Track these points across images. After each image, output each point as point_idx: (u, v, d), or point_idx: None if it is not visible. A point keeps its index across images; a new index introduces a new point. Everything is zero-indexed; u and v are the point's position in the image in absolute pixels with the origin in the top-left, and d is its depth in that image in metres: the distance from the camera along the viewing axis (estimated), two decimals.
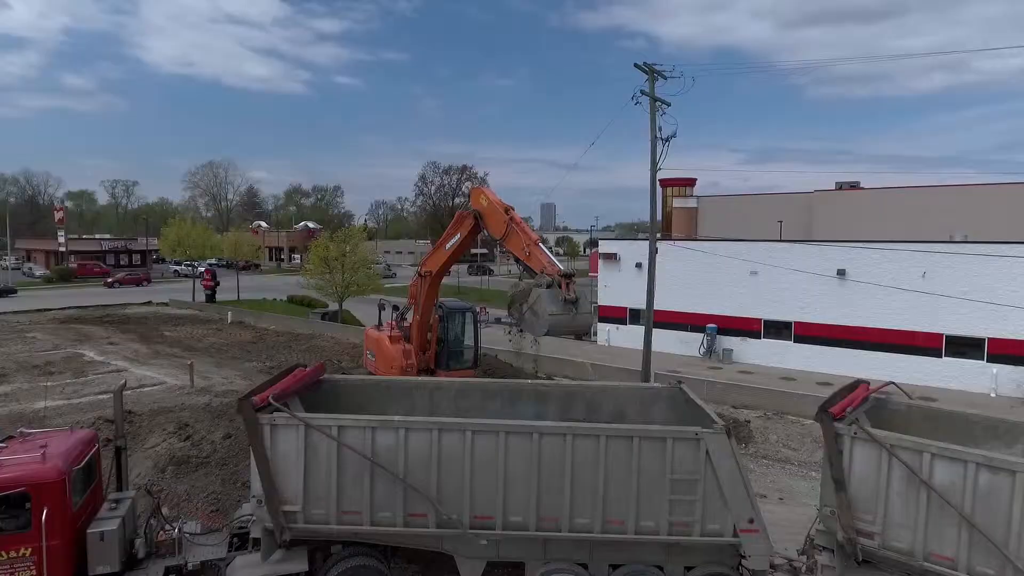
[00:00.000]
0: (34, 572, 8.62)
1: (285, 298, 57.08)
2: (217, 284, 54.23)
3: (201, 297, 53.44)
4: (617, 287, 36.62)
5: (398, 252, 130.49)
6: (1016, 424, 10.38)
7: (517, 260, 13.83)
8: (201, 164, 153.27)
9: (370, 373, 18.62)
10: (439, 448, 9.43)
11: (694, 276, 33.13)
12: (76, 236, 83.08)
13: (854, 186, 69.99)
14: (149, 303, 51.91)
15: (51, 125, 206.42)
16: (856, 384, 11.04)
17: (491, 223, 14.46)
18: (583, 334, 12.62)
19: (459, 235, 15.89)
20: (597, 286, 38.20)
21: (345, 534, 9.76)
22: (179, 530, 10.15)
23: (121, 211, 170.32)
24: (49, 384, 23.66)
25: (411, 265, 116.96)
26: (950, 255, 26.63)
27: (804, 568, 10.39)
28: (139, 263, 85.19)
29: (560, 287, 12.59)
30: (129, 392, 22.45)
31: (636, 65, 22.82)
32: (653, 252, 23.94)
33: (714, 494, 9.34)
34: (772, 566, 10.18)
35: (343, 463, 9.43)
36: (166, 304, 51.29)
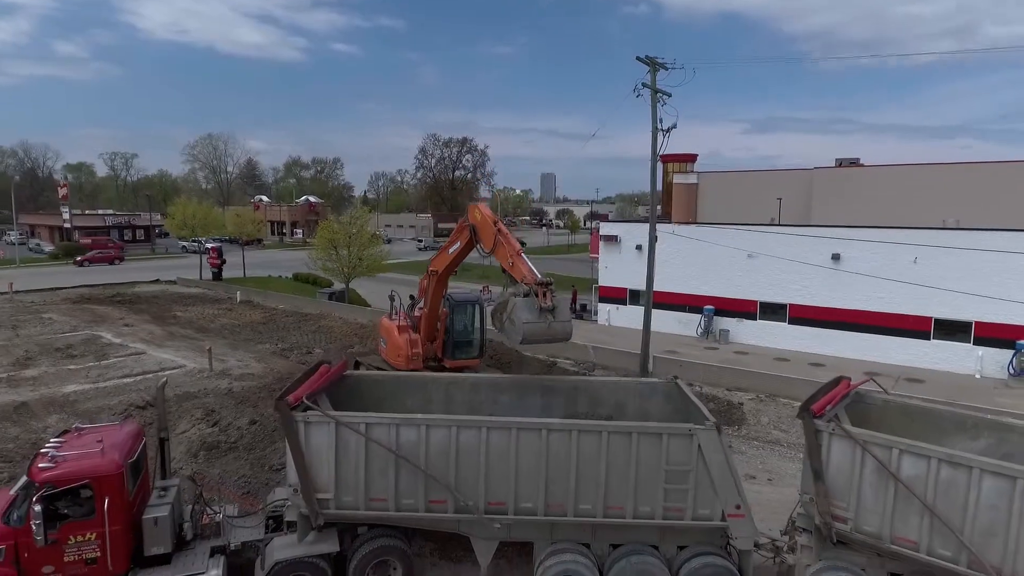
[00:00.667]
0: (98, 554, 9.69)
1: (291, 275, 57.96)
2: (223, 262, 55.06)
3: (208, 275, 54.34)
4: (617, 268, 37.50)
5: (399, 226, 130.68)
6: (982, 419, 11.37)
7: (503, 270, 14.25)
8: (200, 137, 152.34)
9: (384, 360, 19.58)
10: (457, 442, 10.42)
11: (692, 259, 33.99)
12: (80, 211, 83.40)
13: (854, 162, 70.31)
14: (157, 281, 52.84)
15: (45, 94, 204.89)
16: (837, 380, 11.97)
17: (483, 237, 15.21)
18: (562, 340, 12.23)
19: (459, 243, 16.73)
20: (598, 267, 39.07)
21: (372, 518, 10.83)
22: (221, 514, 11.24)
23: (121, 183, 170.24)
24: (72, 367, 24.74)
25: (411, 239, 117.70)
26: (940, 241, 27.51)
27: (786, 547, 11.51)
28: (143, 238, 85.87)
29: (537, 295, 12.46)
30: (150, 376, 23.58)
31: (639, 58, 23.37)
32: (653, 240, 24.78)
33: (705, 483, 10.37)
34: (756, 545, 11.27)
35: (370, 456, 10.43)
36: (174, 282, 52.22)
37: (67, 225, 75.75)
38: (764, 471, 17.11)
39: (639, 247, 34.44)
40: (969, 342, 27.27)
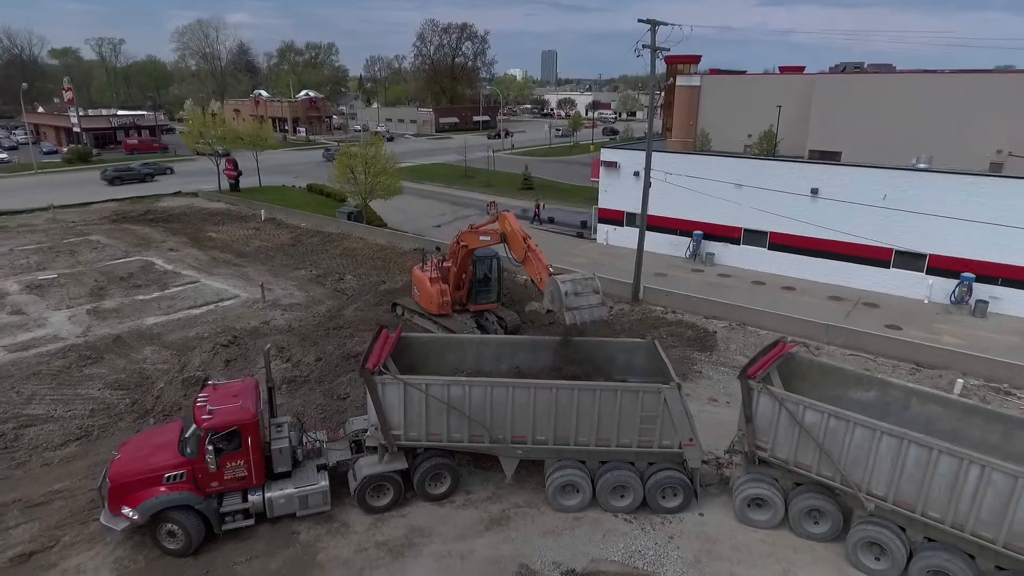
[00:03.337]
0: (245, 473, 14.02)
1: (304, 185, 60.50)
2: (240, 173, 57.47)
3: (226, 185, 56.98)
4: (616, 192, 40.40)
5: (400, 120, 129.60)
6: (873, 378, 15.41)
7: (532, 280, 17.78)
8: (189, 23, 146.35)
9: (418, 304, 23.35)
10: (491, 396, 14.47)
11: (685, 182, 36.74)
12: (84, 112, 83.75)
13: (858, 67, 70.29)
14: (179, 193, 55.62)
15: None
16: (775, 343, 15.84)
17: (513, 247, 18.40)
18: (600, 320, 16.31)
19: (489, 239, 19.76)
20: (598, 190, 41.90)
21: (430, 446, 15.13)
22: (318, 441, 15.55)
23: (110, 69, 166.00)
24: (142, 298, 28.62)
25: (413, 135, 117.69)
26: (908, 182, 30.46)
27: (726, 463, 15.98)
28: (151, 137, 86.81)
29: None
30: (212, 307, 27.57)
31: (640, 20, 25.14)
32: (647, 186, 27.78)
33: (668, 424, 14.53)
34: (704, 462, 15.68)
35: (429, 405, 14.52)
36: (195, 195, 55.00)
37: (76, 129, 76.72)
38: (725, 395, 21.38)
39: (636, 173, 37.18)
40: (923, 271, 31.00)
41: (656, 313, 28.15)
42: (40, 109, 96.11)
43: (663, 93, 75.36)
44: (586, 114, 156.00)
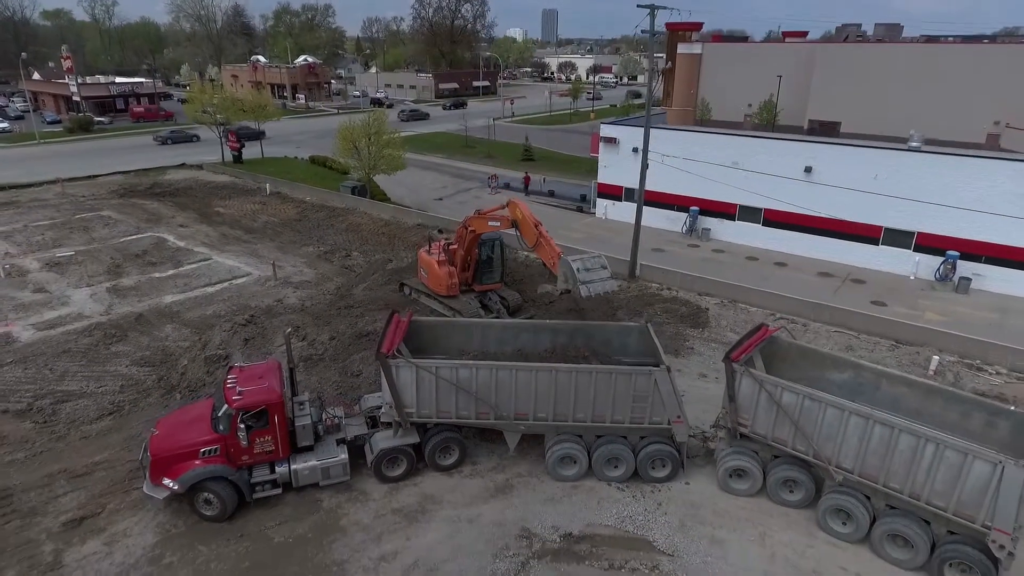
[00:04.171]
0: (272, 447, 15.41)
1: (307, 157, 60.96)
2: (243, 145, 57.95)
3: (228, 157, 57.51)
4: (615, 167, 41.17)
5: (399, 86, 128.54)
6: (848, 360, 16.70)
7: (544, 264, 19.21)
8: None
9: (426, 286, 24.50)
10: (496, 377, 15.77)
11: (682, 162, 37.55)
12: (82, 80, 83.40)
13: (860, 34, 69.80)
14: (183, 165, 56.19)
15: None
16: (758, 328, 17.08)
17: (525, 233, 19.56)
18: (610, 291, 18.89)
19: (499, 224, 20.83)
20: (597, 165, 42.63)
21: (440, 422, 16.49)
22: (337, 418, 16.91)
23: (104, 31, 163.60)
24: (158, 275, 29.77)
25: (412, 100, 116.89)
26: (899, 161, 31.32)
27: (711, 437, 17.40)
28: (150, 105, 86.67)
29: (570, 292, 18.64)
30: (226, 285, 28.74)
31: (639, 5, 25.66)
32: (643, 173, 28.63)
33: (658, 403, 15.85)
34: (691, 436, 17.09)
35: (439, 386, 15.82)
36: (200, 167, 55.58)
37: (76, 98, 76.61)
38: (715, 371, 22.64)
39: (635, 149, 37.86)
40: (910, 249, 32.10)
41: (652, 290, 29.34)
42: (36, 75, 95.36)
43: (665, 58, 75.09)
44: (587, 78, 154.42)
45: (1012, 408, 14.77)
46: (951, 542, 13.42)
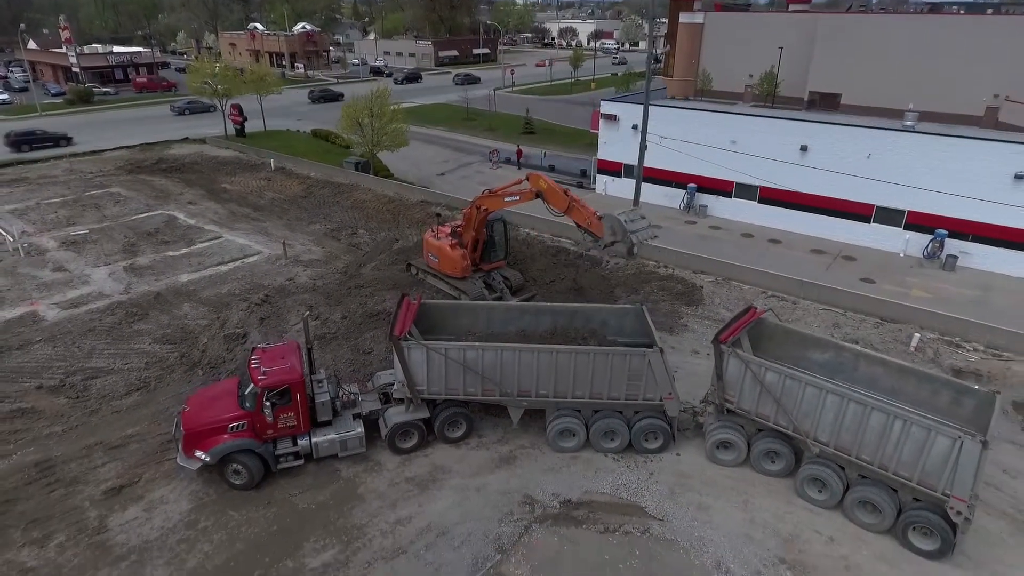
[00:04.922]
0: (295, 423, 16.69)
1: (308, 130, 61.29)
2: (245, 119, 58.28)
3: (231, 131, 57.91)
4: (615, 144, 41.78)
5: (398, 54, 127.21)
6: (829, 342, 17.89)
7: (578, 226, 20.65)
8: None
9: (434, 270, 25.50)
10: (501, 358, 16.96)
11: (680, 143, 38.19)
12: (80, 50, 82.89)
13: (864, 7, 69.33)
14: (187, 139, 56.65)
15: None
16: (747, 310, 18.21)
17: (554, 201, 20.57)
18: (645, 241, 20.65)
19: (518, 198, 21.70)
20: (598, 142, 43.24)
21: (448, 399, 17.75)
22: (352, 394, 18.16)
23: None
24: (172, 254, 30.79)
25: (411, 68, 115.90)
26: (892, 141, 32.06)
27: (700, 412, 18.70)
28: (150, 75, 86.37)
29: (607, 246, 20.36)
30: (238, 264, 29.78)
31: None
32: (642, 153, 29.38)
33: (651, 381, 17.07)
34: (682, 411, 18.37)
35: (448, 365, 17.03)
36: (203, 142, 56.04)
37: (75, 69, 76.34)
38: (706, 348, 23.55)
39: (635, 126, 38.45)
40: (901, 226, 33.03)
41: (649, 268, 30.38)
42: (32, 44, 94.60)
43: (667, 23, 74.70)
44: (588, 43, 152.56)
45: (976, 387, 15.97)
46: (915, 508, 14.77)
